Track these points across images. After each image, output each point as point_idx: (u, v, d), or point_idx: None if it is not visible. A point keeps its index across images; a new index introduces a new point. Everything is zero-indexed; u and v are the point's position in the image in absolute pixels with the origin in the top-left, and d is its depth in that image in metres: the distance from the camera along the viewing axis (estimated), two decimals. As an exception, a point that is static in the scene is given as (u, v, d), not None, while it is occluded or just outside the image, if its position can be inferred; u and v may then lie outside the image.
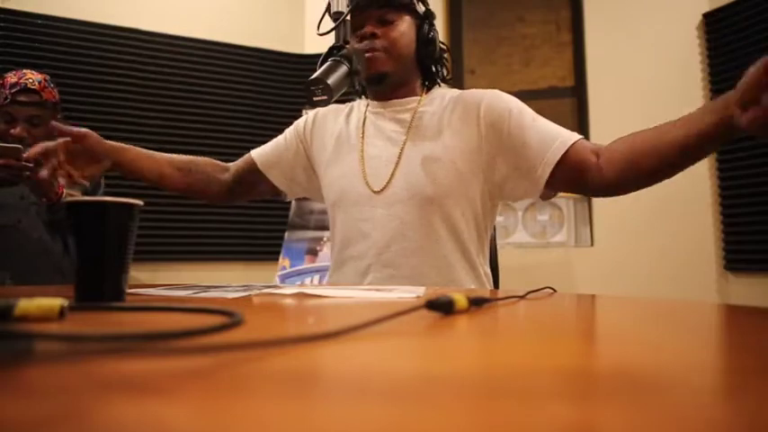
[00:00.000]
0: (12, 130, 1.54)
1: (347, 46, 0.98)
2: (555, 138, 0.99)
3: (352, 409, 0.19)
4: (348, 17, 0.96)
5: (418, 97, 1.11)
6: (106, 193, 1.72)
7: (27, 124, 1.56)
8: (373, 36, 1.03)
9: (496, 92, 1.07)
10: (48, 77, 1.62)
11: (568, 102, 2.80)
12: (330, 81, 0.89)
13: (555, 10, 2.87)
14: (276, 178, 1.22)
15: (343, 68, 0.93)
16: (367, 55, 1.02)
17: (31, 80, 1.56)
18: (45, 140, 1.59)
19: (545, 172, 0.98)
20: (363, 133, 1.11)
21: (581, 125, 2.74)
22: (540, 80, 2.84)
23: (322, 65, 0.94)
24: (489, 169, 1.04)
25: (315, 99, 0.91)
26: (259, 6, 2.93)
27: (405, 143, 1.06)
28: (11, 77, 1.55)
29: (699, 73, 2.50)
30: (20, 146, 1.40)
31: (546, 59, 2.86)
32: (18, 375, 0.23)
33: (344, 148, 1.13)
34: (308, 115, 1.23)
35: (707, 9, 2.49)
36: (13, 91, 1.53)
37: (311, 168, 1.21)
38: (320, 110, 1.21)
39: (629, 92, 2.60)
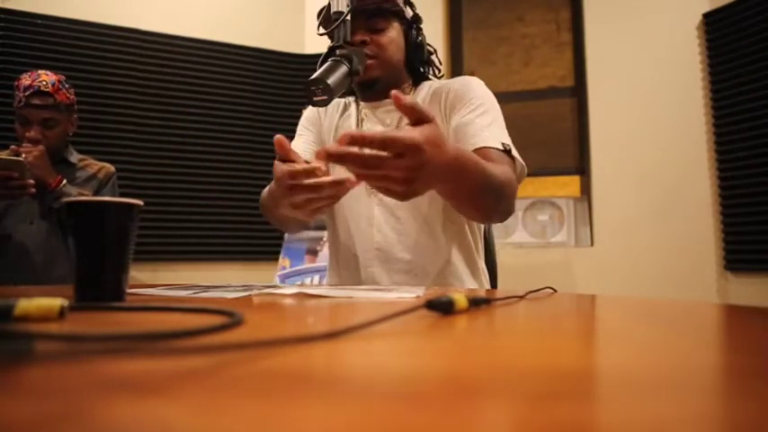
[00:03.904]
0: (27, 133, 1.55)
1: (347, 46, 0.98)
2: (473, 135, 0.98)
3: (352, 409, 0.19)
4: (348, 17, 0.97)
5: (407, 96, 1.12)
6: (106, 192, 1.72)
7: (41, 126, 1.57)
8: (363, 44, 1.04)
9: (467, 80, 1.08)
10: (63, 78, 1.62)
11: (568, 102, 2.80)
12: (330, 81, 0.89)
13: (555, 10, 2.87)
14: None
15: (343, 68, 0.93)
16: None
17: (44, 82, 1.56)
18: (59, 142, 1.62)
19: None
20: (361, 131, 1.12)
21: (581, 125, 2.74)
22: (539, 80, 2.84)
23: (322, 65, 0.94)
24: None
25: (315, 99, 0.91)
26: (259, 6, 2.94)
27: None
28: (25, 79, 1.56)
29: (699, 73, 2.50)
30: (21, 158, 1.41)
31: (546, 59, 2.86)
32: (18, 375, 0.23)
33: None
34: (309, 110, 1.22)
35: (707, 9, 2.49)
36: (26, 93, 1.54)
37: None
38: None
39: (629, 92, 2.60)
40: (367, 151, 0.62)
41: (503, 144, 0.96)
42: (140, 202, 0.55)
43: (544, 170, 2.72)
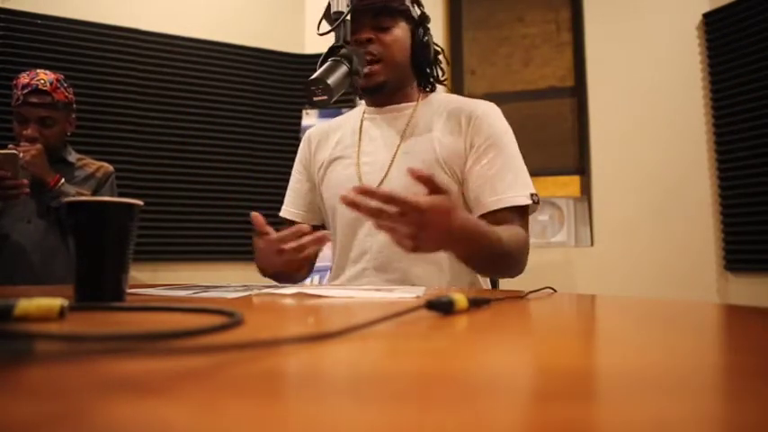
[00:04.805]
0: (24, 131, 1.55)
1: (347, 46, 0.98)
2: (503, 191, 1.01)
3: (352, 410, 0.19)
4: (348, 17, 0.96)
5: (414, 103, 1.12)
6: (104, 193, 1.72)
7: (39, 125, 1.57)
8: (369, 42, 1.04)
9: (490, 110, 1.07)
10: (61, 77, 1.62)
11: (568, 102, 2.80)
12: (330, 81, 0.89)
13: (555, 10, 2.87)
14: (317, 220, 1.21)
15: (343, 68, 0.93)
16: (365, 70, 1.02)
17: (42, 81, 1.56)
18: (57, 141, 1.61)
19: (477, 212, 1.03)
20: (360, 140, 1.13)
21: (581, 125, 2.74)
22: (539, 80, 2.84)
23: (322, 65, 0.94)
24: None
25: (315, 99, 0.91)
26: (259, 6, 2.94)
27: (398, 148, 1.08)
28: (23, 78, 1.56)
29: (699, 73, 2.50)
30: (16, 152, 1.41)
31: (546, 59, 2.86)
32: (18, 375, 0.23)
33: (340, 156, 1.14)
34: (303, 143, 1.24)
35: (707, 9, 2.49)
36: (24, 92, 1.54)
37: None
38: (311, 132, 1.23)
39: (629, 92, 2.60)
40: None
41: (532, 196, 1.01)
42: (140, 202, 0.55)
43: (544, 170, 2.72)
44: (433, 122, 1.07)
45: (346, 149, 1.14)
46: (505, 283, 1.30)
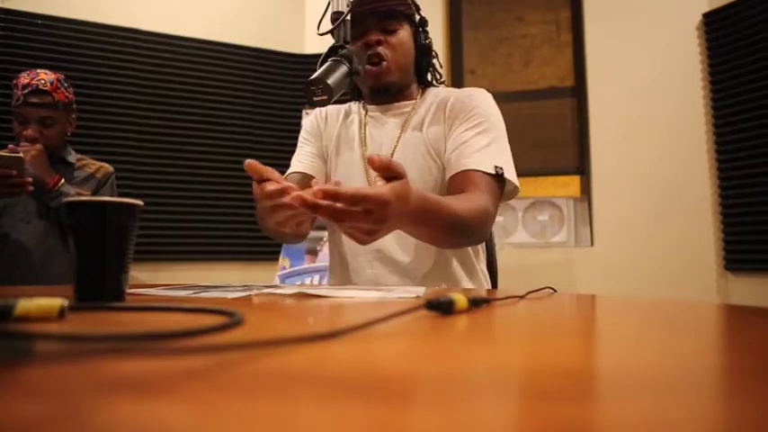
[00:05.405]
0: (24, 132, 1.55)
1: (347, 46, 0.98)
2: (467, 156, 1.00)
3: (352, 410, 0.19)
4: (348, 17, 0.96)
5: (414, 100, 1.14)
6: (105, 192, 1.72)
7: (39, 125, 1.57)
8: (378, 44, 1.05)
9: (474, 92, 1.09)
10: (61, 77, 1.62)
11: (568, 102, 2.80)
12: (330, 81, 0.89)
13: (555, 10, 2.87)
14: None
15: (343, 68, 0.93)
16: (374, 69, 1.04)
17: (42, 81, 1.55)
18: (57, 141, 1.61)
19: (447, 173, 1.02)
20: (365, 136, 1.14)
21: (581, 125, 2.74)
22: (539, 80, 2.84)
23: (322, 65, 0.94)
24: None
25: (315, 99, 0.91)
26: (259, 6, 2.94)
27: (398, 142, 1.10)
28: (24, 78, 1.55)
29: (699, 73, 2.50)
30: (21, 155, 1.41)
31: (546, 59, 2.86)
32: (18, 375, 0.23)
33: (346, 150, 1.15)
34: (312, 114, 1.23)
35: (707, 9, 2.49)
36: (25, 92, 1.54)
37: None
38: (318, 109, 1.23)
39: (629, 92, 2.60)
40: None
41: (495, 167, 0.98)
42: (140, 202, 0.55)
43: (544, 170, 2.72)
44: (425, 116, 1.10)
45: (351, 145, 1.14)
46: (506, 283, 1.30)
